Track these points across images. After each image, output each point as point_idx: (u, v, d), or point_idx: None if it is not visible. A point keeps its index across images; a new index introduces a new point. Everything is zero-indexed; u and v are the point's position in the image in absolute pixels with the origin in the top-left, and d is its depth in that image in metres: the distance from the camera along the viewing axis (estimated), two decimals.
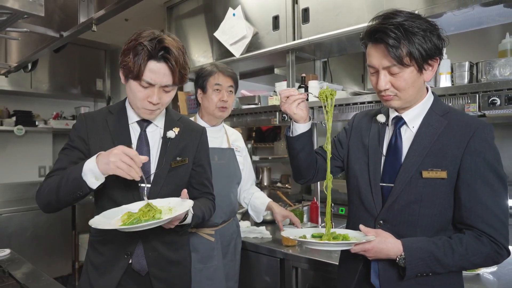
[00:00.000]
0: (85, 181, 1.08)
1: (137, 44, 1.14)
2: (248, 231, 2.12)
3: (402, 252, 1.04)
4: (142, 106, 1.21)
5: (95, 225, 1.07)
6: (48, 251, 3.62)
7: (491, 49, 2.00)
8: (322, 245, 1.11)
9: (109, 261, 1.24)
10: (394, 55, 1.02)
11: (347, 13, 2.02)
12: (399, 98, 1.10)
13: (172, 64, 1.16)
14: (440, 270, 1.04)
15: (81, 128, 1.26)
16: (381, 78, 1.08)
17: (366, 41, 1.11)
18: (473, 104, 1.59)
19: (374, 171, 1.18)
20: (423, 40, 1.02)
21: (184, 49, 1.22)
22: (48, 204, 1.20)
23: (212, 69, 1.84)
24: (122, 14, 1.73)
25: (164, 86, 1.19)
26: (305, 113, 1.21)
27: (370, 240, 1.05)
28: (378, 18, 1.08)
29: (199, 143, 1.40)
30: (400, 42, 1.01)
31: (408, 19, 1.03)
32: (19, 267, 1.63)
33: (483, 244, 1.03)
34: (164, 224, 1.13)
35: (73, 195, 1.12)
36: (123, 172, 1.05)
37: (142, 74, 1.14)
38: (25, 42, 2.36)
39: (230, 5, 2.55)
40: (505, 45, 1.68)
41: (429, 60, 1.05)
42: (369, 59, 1.10)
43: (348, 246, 1.08)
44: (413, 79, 1.06)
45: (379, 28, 1.04)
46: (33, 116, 3.96)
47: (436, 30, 1.05)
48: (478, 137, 1.06)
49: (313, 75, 2.45)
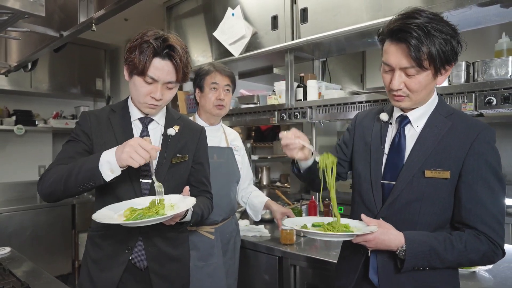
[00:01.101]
0: (100, 172, 1.09)
1: (143, 42, 1.18)
2: (247, 229, 2.14)
3: (404, 245, 1.06)
4: (145, 101, 1.24)
5: (99, 219, 1.07)
6: (48, 250, 3.63)
7: (487, 49, 2.01)
8: (324, 236, 1.12)
9: (109, 256, 1.26)
10: (416, 56, 1.01)
11: (345, 13, 2.03)
12: (410, 99, 1.10)
13: (177, 61, 1.20)
14: (438, 264, 1.06)
15: (85, 124, 1.29)
16: (395, 77, 1.07)
17: (386, 38, 1.10)
18: (469, 103, 1.61)
19: (376, 168, 1.19)
20: (444, 44, 1.01)
21: (186, 48, 1.26)
22: (52, 194, 1.19)
23: (209, 68, 1.86)
24: (121, 14, 1.74)
25: (167, 82, 1.23)
26: (307, 154, 1.19)
27: (372, 231, 1.06)
28: (400, 17, 1.06)
29: (199, 141, 1.43)
30: (423, 43, 1.00)
31: (431, 21, 1.02)
32: (20, 265, 1.64)
33: (481, 242, 1.04)
34: (165, 221, 1.14)
35: (84, 186, 1.12)
36: (136, 163, 1.07)
37: (147, 70, 1.19)
38: (25, 42, 2.37)
39: (229, 5, 2.56)
40: (501, 45, 1.69)
41: (447, 65, 1.06)
42: (387, 57, 1.08)
43: (350, 237, 1.09)
44: (427, 83, 1.06)
45: (402, 27, 1.03)
46: (33, 116, 3.97)
47: (457, 35, 1.05)
48: (482, 139, 1.07)
49: (311, 74, 2.46)
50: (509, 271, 1.53)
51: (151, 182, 1.26)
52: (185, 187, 1.22)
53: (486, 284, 1.40)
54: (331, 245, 1.90)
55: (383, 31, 1.11)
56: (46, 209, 3.63)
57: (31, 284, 1.40)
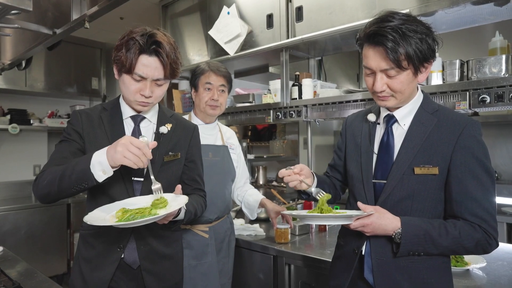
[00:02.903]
0: (92, 173, 1.08)
1: (129, 39, 1.17)
2: (242, 228, 2.13)
3: (400, 228, 1.08)
4: (135, 99, 1.23)
5: (90, 221, 1.06)
6: (43, 250, 3.60)
7: (481, 47, 2.02)
8: (322, 219, 1.14)
9: (101, 254, 1.25)
10: (393, 58, 1.04)
11: (340, 12, 2.03)
12: (396, 98, 1.13)
13: (164, 58, 1.18)
14: (433, 250, 1.08)
15: (76, 123, 1.27)
16: (377, 80, 1.10)
17: (363, 43, 1.13)
18: (463, 101, 1.61)
19: (366, 169, 1.21)
20: (420, 43, 1.05)
21: (175, 44, 1.25)
22: (47, 195, 1.18)
23: (204, 68, 1.86)
24: (117, 12, 1.74)
25: (156, 79, 1.22)
26: (310, 183, 1.25)
27: (369, 214, 1.08)
28: (375, 21, 1.10)
29: (191, 139, 1.42)
30: (399, 45, 1.03)
31: (405, 23, 1.05)
32: (13, 266, 1.62)
33: (475, 230, 1.06)
34: (158, 220, 1.13)
35: (77, 187, 1.11)
36: (130, 162, 1.05)
37: (134, 67, 1.17)
38: (18, 40, 2.35)
39: (225, 4, 2.56)
40: (495, 43, 1.70)
41: (425, 62, 1.08)
42: (366, 61, 1.12)
43: (348, 220, 1.10)
44: (408, 81, 1.09)
45: (377, 31, 1.06)
46: (28, 115, 3.95)
47: (431, 33, 1.08)
48: (467, 134, 1.09)
49: (307, 73, 2.46)
50: (502, 269, 1.53)
51: (142, 180, 1.25)
52: (177, 186, 1.21)
53: (480, 282, 1.41)
54: (326, 244, 1.90)
55: (360, 36, 1.14)
56: (41, 208, 3.61)
57: (23, 283, 1.38)
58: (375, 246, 1.15)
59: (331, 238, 2.01)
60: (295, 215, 1.26)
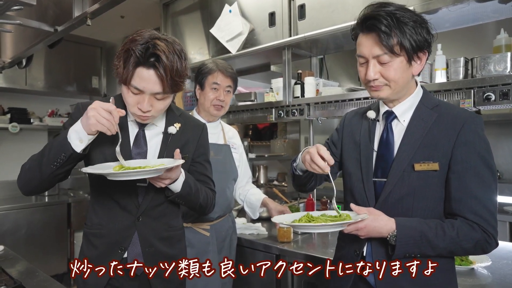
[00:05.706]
0: (69, 143, 1.07)
1: (128, 48, 1.09)
2: (244, 227, 2.12)
3: (395, 230, 1.05)
4: (133, 111, 1.17)
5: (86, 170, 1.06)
6: (43, 249, 3.59)
7: (486, 45, 2.01)
8: (315, 228, 1.10)
9: (102, 255, 1.24)
10: (386, 42, 1.03)
11: (342, 10, 2.02)
12: (390, 88, 1.09)
13: (161, 72, 1.08)
14: (429, 251, 1.05)
15: (78, 115, 1.21)
16: (370, 67, 1.08)
17: (358, 31, 1.12)
18: (468, 99, 1.60)
19: (366, 167, 1.18)
20: (414, 31, 1.04)
21: (182, 53, 1.14)
22: (29, 182, 1.16)
23: (212, 67, 1.84)
24: (118, 11, 1.73)
25: (155, 93, 1.13)
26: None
27: (363, 219, 1.05)
28: (369, 8, 1.09)
29: (200, 138, 1.38)
30: (392, 29, 1.02)
31: (399, 10, 1.05)
32: (14, 264, 1.61)
33: (474, 230, 1.03)
34: (154, 182, 1.13)
35: (56, 162, 1.09)
36: (103, 127, 1.05)
37: (130, 80, 1.10)
38: (19, 37, 2.34)
39: (226, 2, 2.54)
40: (500, 41, 1.69)
41: (419, 52, 1.07)
42: (359, 49, 1.11)
43: (342, 226, 1.07)
44: (402, 70, 1.07)
45: (371, 14, 1.05)
46: (28, 114, 3.94)
47: (425, 23, 1.07)
48: (468, 129, 1.06)
49: (309, 72, 2.45)
50: (507, 267, 1.52)
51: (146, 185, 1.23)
52: (176, 150, 1.17)
53: (485, 281, 1.40)
54: (329, 243, 1.89)
55: (354, 25, 1.13)
56: (41, 207, 3.60)
57: (24, 282, 1.38)
58: (376, 247, 1.13)
59: (334, 237, 1.99)
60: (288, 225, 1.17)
